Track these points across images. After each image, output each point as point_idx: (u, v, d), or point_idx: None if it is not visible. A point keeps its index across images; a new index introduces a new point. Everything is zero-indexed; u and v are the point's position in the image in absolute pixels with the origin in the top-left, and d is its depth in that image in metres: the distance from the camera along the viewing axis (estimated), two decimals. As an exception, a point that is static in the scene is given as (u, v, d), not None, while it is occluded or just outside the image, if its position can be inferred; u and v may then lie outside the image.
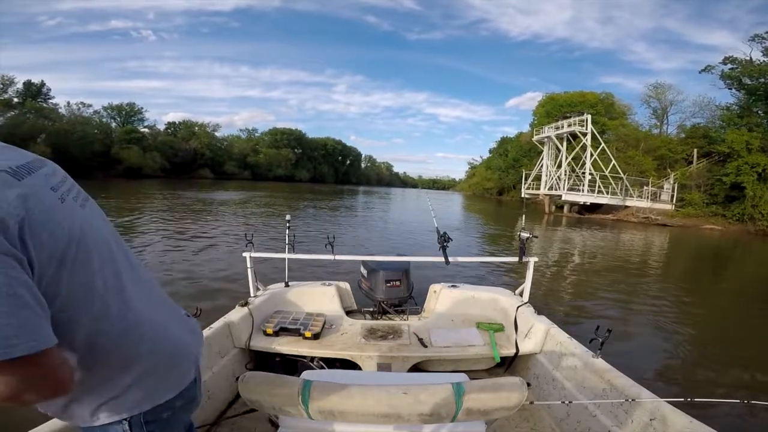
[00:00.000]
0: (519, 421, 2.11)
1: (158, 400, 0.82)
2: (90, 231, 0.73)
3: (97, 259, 0.72)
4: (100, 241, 0.75)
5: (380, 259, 3.26)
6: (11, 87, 42.40)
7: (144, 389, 0.80)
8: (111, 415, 0.78)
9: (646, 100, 37.57)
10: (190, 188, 31.19)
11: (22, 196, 0.58)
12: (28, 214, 0.58)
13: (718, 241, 17.93)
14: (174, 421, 0.88)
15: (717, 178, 24.82)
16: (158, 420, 0.83)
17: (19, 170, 0.62)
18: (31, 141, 36.41)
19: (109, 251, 0.78)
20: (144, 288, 0.87)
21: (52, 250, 0.61)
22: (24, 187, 0.60)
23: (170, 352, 0.86)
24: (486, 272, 7.29)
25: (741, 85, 27.29)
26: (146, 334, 0.81)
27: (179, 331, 0.92)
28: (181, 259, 7.05)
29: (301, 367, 2.44)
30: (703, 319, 5.67)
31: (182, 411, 0.91)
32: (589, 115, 28.61)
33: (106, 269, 0.74)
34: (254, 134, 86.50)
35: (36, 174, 0.65)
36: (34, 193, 0.62)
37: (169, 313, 0.94)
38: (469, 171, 78.52)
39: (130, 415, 0.79)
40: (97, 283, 0.71)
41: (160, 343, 0.84)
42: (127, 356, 0.77)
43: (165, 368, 0.85)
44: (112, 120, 57.46)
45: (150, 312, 0.85)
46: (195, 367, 0.94)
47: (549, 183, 30.64)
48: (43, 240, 0.60)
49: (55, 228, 0.63)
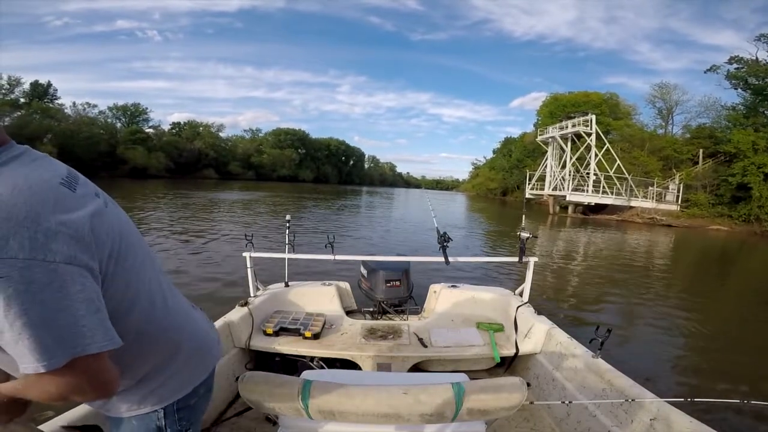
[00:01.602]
0: (519, 421, 2.11)
1: (189, 388, 0.88)
2: (128, 229, 0.78)
3: (140, 254, 0.78)
4: (136, 238, 0.81)
5: (380, 259, 3.27)
6: (18, 87, 42.92)
7: (180, 378, 0.86)
8: (151, 405, 0.83)
9: (650, 100, 37.37)
10: (195, 188, 31.32)
11: (85, 208, 0.64)
12: (92, 221, 0.64)
13: (724, 242, 17.78)
14: (198, 407, 0.94)
15: (723, 178, 24.65)
16: (187, 407, 0.89)
17: (69, 181, 0.66)
18: (38, 141, 36.71)
19: (144, 247, 0.84)
20: (170, 286, 0.92)
21: (110, 249, 0.68)
22: (80, 198, 0.66)
23: (203, 340, 0.94)
24: (486, 272, 7.27)
25: (747, 85, 27.12)
26: (184, 323, 0.89)
27: (203, 320, 1.01)
28: (181, 258, 7.07)
29: (301, 367, 2.44)
30: (706, 320, 5.63)
31: (204, 398, 0.97)
32: (593, 116, 28.41)
33: (147, 263, 0.81)
34: (258, 134, 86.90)
35: (80, 183, 0.69)
36: (90, 201, 0.68)
37: (189, 305, 1.00)
38: (472, 171, 78.29)
39: (167, 403, 0.85)
40: (143, 277, 0.77)
41: (195, 332, 0.92)
42: (171, 345, 0.84)
43: (199, 356, 0.92)
44: (117, 120, 57.85)
45: (181, 303, 0.93)
46: (218, 354, 1.01)
47: (553, 183, 30.49)
48: (103, 241, 0.66)
49: (109, 229, 0.69)
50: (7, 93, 41.57)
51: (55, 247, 0.56)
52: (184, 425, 0.89)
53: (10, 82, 41.99)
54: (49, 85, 46.51)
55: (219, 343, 1.03)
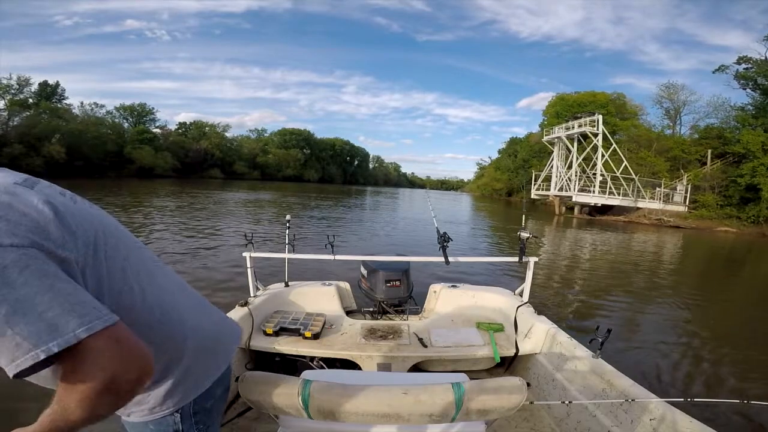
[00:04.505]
0: (519, 421, 2.10)
1: (204, 386, 0.86)
2: (108, 224, 0.76)
3: (123, 247, 0.75)
4: (118, 232, 0.78)
5: (380, 259, 3.26)
6: (27, 88, 43.44)
7: (194, 376, 0.83)
8: (167, 407, 0.81)
9: (658, 101, 36.99)
10: (201, 188, 31.54)
11: (43, 199, 0.62)
12: (56, 212, 0.62)
13: (733, 244, 17.57)
14: (215, 410, 0.92)
15: (731, 179, 24.34)
16: (203, 410, 0.87)
17: (26, 182, 0.65)
18: (46, 141, 37.15)
19: (130, 240, 0.81)
20: (170, 276, 0.89)
21: (84, 239, 0.65)
22: (40, 193, 0.63)
23: (213, 335, 0.90)
24: (486, 272, 7.24)
25: (756, 85, 26.81)
26: (186, 317, 0.84)
27: (216, 315, 0.97)
28: (181, 258, 7.09)
29: (301, 367, 2.44)
30: (710, 321, 5.58)
31: (221, 400, 0.94)
32: (600, 116, 28.21)
33: (132, 257, 0.77)
34: (263, 134, 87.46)
35: (41, 183, 0.69)
36: (51, 194, 0.66)
37: (200, 300, 0.96)
38: (477, 172, 78.20)
39: (182, 405, 0.82)
40: (129, 269, 0.74)
41: (201, 325, 0.87)
42: (171, 341, 0.79)
43: (210, 352, 0.88)
44: (124, 120, 58.54)
45: (183, 297, 0.88)
46: (234, 351, 0.98)
47: (559, 184, 30.30)
48: (74, 231, 0.64)
49: (81, 221, 0.67)
50: (16, 93, 42.10)
51: (20, 233, 0.55)
52: (201, 429, 0.87)
53: (20, 82, 42.55)
54: (57, 85, 47.14)
55: (236, 334, 0.99)
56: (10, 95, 41.49)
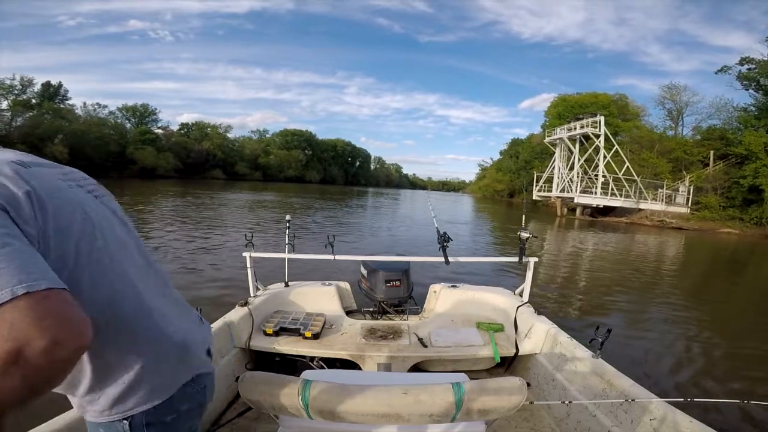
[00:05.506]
0: (519, 421, 2.10)
1: (160, 397, 0.79)
2: (102, 218, 0.75)
3: (111, 243, 0.74)
4: (111, 229, 0.77)
5: (380, 259, 3.26)
6: (30, 88, 43.67)
7: (150, 383, 0.78)
8: (116, 412, 0.76)
9: (660, 102, 36.98)
10: (203, 188, 31.61)
11: (21, 172, 0.62)
12: (33, 188, 0.61)
13: (735, 246, 17.52)
14: (177, 427, 0.84)
15: (734, 180, 24.31)
16: (160, 423, 0.80)
17: (28, 162, 0.66)
18: (49, 141, 37.33)
19: (120, 239, 0.80)
20: (155, 281, 0.87)
21: (59, 223, 0.64)
22: (29, 172, 0.64)
23: (178, 344, 0.83)
24: (486, 272, 7.24)
25: (759, 86, 26.73)
26: (155, 322, 0.79)
27: (188, 325, 0.90)
28: (181, 258, 7.11)
29: (301, 367, 2.44)
30: (710, 322, 5.56)
31: (188, 416, 0.86)
32: (602, 117, 28.17)
33: (120, 257, 0.76)
34: (265, 135, 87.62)
35: (47, 166, 0.68)
36: (39, 174, 0.65)
37: (181, 309, 0.92)
38: (479, 173, 78.22)
39: (133, 413, 0.77)
40: (110, 266, 0.72)
41: (168, 332, 0.81)
42: (136, 341, 0.76)
43: (174, 360, 0.82)
44: (126, 121, 58.67)
45: (160, 303, 0.83)
46: (202, 365, 0.90)
47: (561, 185, 30.26)
48: (50, 212, 0.63)
49: (64, 204, 0.66)
50: (19, 93, 42.32)
51: None
52: None
53: (23, 82, 42.81)
54: (59, 85, 47.35)
55: (205, 356, 0.91)
56: (13, 96, 41.76)
